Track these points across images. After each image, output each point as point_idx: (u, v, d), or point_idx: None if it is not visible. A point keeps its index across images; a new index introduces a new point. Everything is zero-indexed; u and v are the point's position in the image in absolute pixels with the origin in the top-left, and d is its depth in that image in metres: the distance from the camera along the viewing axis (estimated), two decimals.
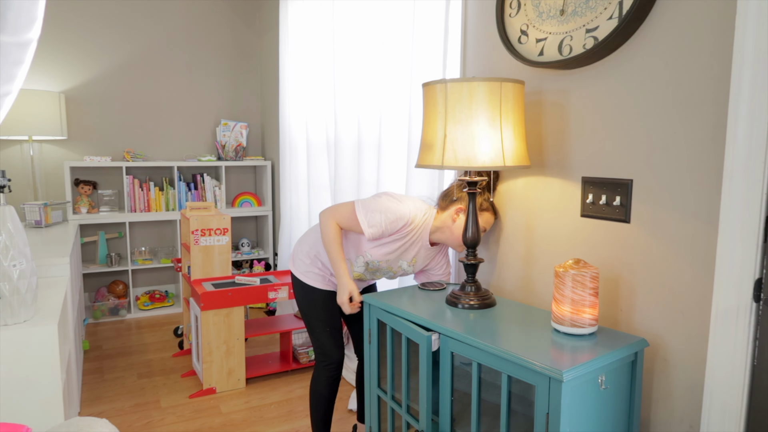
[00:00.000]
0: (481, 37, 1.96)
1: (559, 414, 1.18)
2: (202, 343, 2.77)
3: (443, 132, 1.52)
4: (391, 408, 1.75)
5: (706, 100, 1.27)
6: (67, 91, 4.00)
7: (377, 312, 1.75)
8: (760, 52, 1.13)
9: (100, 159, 3.92)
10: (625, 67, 1.45)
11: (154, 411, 2.62)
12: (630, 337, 1.37)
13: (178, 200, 4.20)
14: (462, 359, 1.81)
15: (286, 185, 3.78)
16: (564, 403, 1.18)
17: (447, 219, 1.82)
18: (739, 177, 1.19)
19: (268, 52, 4.43)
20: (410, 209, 1.81)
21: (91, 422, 1.36)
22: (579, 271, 1.37)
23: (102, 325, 3.90)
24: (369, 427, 1.87)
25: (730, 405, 1.25)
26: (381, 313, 1.73)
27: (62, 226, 3.51)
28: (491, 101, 1.48)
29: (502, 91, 1.49)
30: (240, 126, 4.47)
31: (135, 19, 4.15)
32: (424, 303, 1.70)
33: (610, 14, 1.43)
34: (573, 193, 1.64)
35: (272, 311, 4.11)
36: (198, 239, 3.02)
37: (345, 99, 2.87)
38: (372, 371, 1.82)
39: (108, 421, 1.38)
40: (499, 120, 1.50)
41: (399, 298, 1.76)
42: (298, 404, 2.71)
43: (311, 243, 2.02)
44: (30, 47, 0.67)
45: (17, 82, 0.70)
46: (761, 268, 1.20)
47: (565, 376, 1.16)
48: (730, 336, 1.23)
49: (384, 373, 1.83)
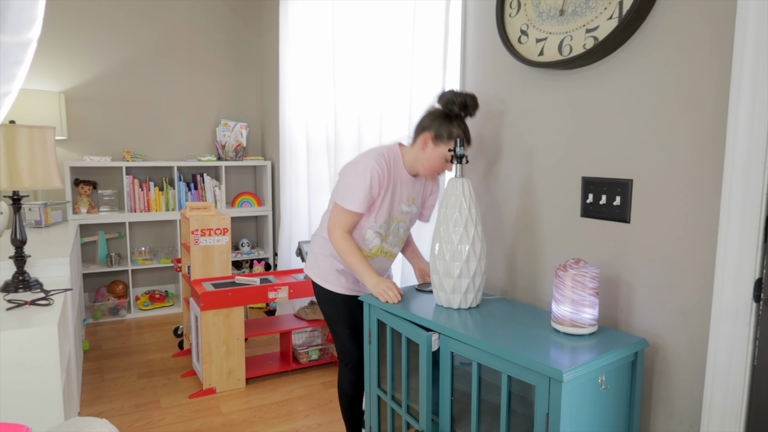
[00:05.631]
0: (481, 37, 1.96)
1: (559, 414, 1.18)
2: (202, 343, 2.77)
3: None
4: (390, 408, 1.75)
5: (706, 100, 1.27)
6: (67, 91, 4.00)
7: (377, 312, 1.75)
8: (760, 52, 1.13)
9: (100, 159, 3.92)
10: (625, 67, 1.45)
11: (154, 411, 2.62)
12: (630, 338, 1.37)
13: (178, 200, 4.20)
14: (462, 359, 1.81)
15: (286, 185, 3.78)
16: (564, 403, 1.18)
17: (418, 149, 1.82)
18: (739, 177, 1.19)
19: (268, 52, 4.43)
20: (369, 160, 1.79)
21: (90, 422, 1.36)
22: (579, 271, 1.37)
23: (102, 325, 3.90)
24: (369, 427, 1.87)
25: (730, 405, 1.25)
26: (381, 313, 1.73)
27: (62, 226, 3.51)
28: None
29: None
30: (240, 126, 4.47)
31: (135, 19, 4.15)
32: (422, 304, 1.70)
33: (610, 14, 1.43)
34: (573, 193, 1.64)
35: (272, 311, 4.11)
36: (198, 239, 3.02)
37: (345, 99, 2.87)
38: (372, 371, 1.82)
39: (108, 421, 1.38)
40: None
41: (402, 299, 1.76)
42: (298, 404, 2.71)
43: (320, 242, 2.00)
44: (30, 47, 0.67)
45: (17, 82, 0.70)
46: (761, 268, 1.20)
47: (565, 376, 1.16)
48: (730, 336, 1.23)
49: (384, 373, 1.83)
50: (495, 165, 1.94)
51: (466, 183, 1.63)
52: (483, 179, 2.01)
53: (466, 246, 1.60)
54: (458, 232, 1.60)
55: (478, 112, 1.88)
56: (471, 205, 1.62)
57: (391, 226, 1.90)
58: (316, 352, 3.13)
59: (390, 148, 1.86)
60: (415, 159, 1.84)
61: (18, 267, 2.08)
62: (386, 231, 1.90)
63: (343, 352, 2.01)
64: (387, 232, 1.90)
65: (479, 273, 1.62)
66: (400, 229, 1.94)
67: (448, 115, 1.77)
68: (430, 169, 1.83)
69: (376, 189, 1.80)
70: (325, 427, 2.49)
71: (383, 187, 1.81)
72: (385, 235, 1.90)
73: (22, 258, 2.09)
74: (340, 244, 1.82)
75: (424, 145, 1.80)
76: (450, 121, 1.76)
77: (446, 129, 1.76)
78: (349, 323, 1.98)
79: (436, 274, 1.65)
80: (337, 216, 1.83)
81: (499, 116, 1.90)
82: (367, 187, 1.77)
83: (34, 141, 1.99)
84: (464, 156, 1.67)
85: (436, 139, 1.77)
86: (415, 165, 1.85)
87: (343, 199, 1.80)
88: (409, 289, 1.88)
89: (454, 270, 1.61)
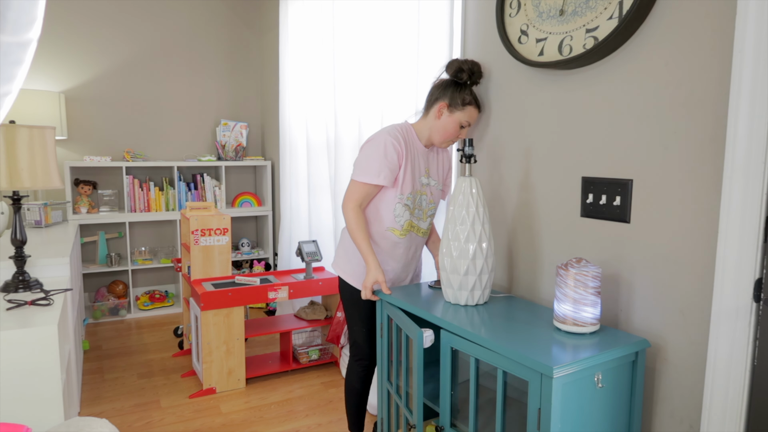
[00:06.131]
0: (481, 37, 1.96)
1: (549, 409, 1.19)
2: (202, 343, 2.77)
3: None
4: (395, 401, 1.80)
5: (706, 100, 1.27)
6: (67, 91, 4.00)
7: (387, 307, 1.79)
8: (760, 52, 1.13)
9: (100, 159, 3.92)
10: (625, 67, 1.45)
11: (154, 411, 2.62)
12: (631, 337, 1.37)
13: (178, 200, 4.20)
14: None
15: (286, 185, 3.78)
16: (555, 399, 1.19)
17: (432, 119, 1.89)
18: (739, 177, 1.19)
19: (268, 52, 4.43)
20: (382, 134, 1.86)
21: (91, 422, 1.36)
22: (580, 270, 1.37)
23: (102, 325, 3.90)
24: (380, 419, 1.91)
25: (730, 405, 1.25)
26: (389, 308, 1.76)
27: (62, 226, 3.51)
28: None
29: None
30: (240, 126, 4.47)
31: (135, 19, 4.15)
32: (433, 300, 1.73)
33: (610, 14, 1.43)
34: (573, 193, 1.64)
35: (272, 311, 4.11)
36: (198, 239, 3.02)
37: (345, 99, 2.87)
38: (383, 365, 1.85)
39: (108, 421, 1.38)
40: None
41: (410, 294, 1.80)
42: (298, 404, 2.71)
43: (343, 237, 2.05)
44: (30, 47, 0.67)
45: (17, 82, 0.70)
46: (761, 268, 1.20)
47: (556, 372, 1.17)
48: (730, 336, 1.23)
49: (392, 367, 1.86)
50: (495, 165, 1.94)
51: (474, 182, 1.65)
52: (483, 179, 2.01)
53: (473, 244, 1.62)
54: (465, 230, 1.63)
55: (477, 112, 1.91)
56: (478, 204, 1.64)
57: (416, 199, 1.95)
58: (316, 352, 3.13)
59: (401, 124, 1.93)
60: (430, 129, 1.90)
61: (18, 267, 2.08)
62: (413, 203, 1.95)
63: (356, 347, 2.05)
64: (414, 204, 1.95)
65: (486, 271, 1.64)
66: (423, 202, 1.98)
67: (457, 83, 1.85)
68: (445, 136, 1.89)
69: (394, 160, 1.83)
70: (325, 427, 2.49)
71: (402, 157, 1.86)
72: (412, 207, 1.95)
73: (22, 258, 2.09)
74: (350, 216, 1.86)
75: (439, 114, 1.87)
76: (461, 89, 1.85)
77: (459, 96, 1.85)
78: (366, 323, 2.01)
79: (444, 270, 1.69)
80: (351, 190, 1.87)
81: (499, 116, 1.90)
82: (382, 157, 1.82)
83: (34, 141, 1.99)
84: (473, 155, 1.70)
85: (450, 107, 1.85)
86: (431, 135, 1.91)
87: (358, 173, 1.85)
88: (423, 286, 1.91)
89: (461, 267, 1.63)
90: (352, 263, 1.99)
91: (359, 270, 1.97)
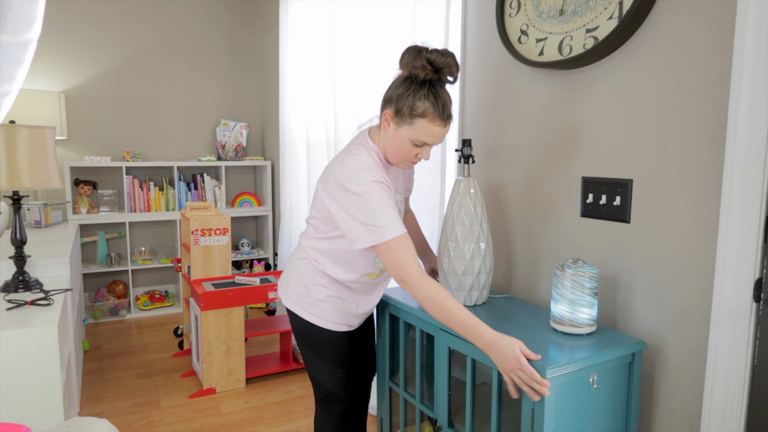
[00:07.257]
0: (481, 37, 1.96)
1: (543, 409, 1.20)
2: (202, 343, 2.77)
3: None
4: (403, 399, 1.78)
5: (706, 100, 1.27)
6: (67, 91, 4.00)
7: (389, 307, 1.78)
8: (760, 52, 1.13)
9: (100, 159, 3.92)
10: (625, 67, 1.45)
11: (154, 411, 2.62)
12: (627, 339, 1.37)
13: (178, 200, 4.20)
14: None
15: (286, 185, 3.78)
16: (548, 400, 1.20)
17: (382, 130, 1.42)
18: (739, 177, 1.19)
19: (268, 52, 4.43)
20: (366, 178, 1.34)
21: (91, 422, 1.36)
22: (577, 271, 1.37)
23: (102, 325, 3.90)
24: (380, 419, 1.90)
25: (730, 405, 1.25)
26: (392, 308, 1.76)
27: (62, 226, 3.51)
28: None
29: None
30: (240, 126, 4.47)
31: (135, 19, 4.15)
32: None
33: (610, 14, 1.43)
34: (573, 193, 1.64)
35: (272, 311, 4.11)
36: (198, 239, 3.02)
37: (345, 99, 2.87)
38: (384, 364, 1.84)
39: (108, 421, 1.38)
40: None
41: (408, 295, 1.77)
42: (298, 404, 2.71)
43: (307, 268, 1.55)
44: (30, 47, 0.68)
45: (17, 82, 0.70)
46: (761, 268, 1.20)
47: (549, 373, 1.18)
48: (730, 336, 1.23)
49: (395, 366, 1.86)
50: (495, 165, 1.94)
51: (472, 182, 1.64)
52: (482, 179, 2.01)
53: (471, 244, 1.61)
54: (463, 231, 1.62)
55: (478, 112, 1.86)
56: (477, 204, 1.63)
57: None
58: None
59: (366, 149, 1.42)
60: (383, 143, 1.42)
61: (18, 267, 2.08)
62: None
63: (330, 397, 1.65)
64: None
65: (484, 271, 1.63)
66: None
67: (413, 82, 1.32)
68: (397, 156, 1.40)
69: (391, 195, 1.37)
70: None
71: (390, 187, 1.41)
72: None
73: (22, 258, 2.09)
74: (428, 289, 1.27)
75: (386, 125, 1.38)
76: (415, 91, 1.31)
77: (408, 102, 1.31)
78: (345, 363, 1.61)
79: (441, 271, 1.68)
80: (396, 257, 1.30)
81: (499, 116, 1.90)
82: (384, 203, 1.33)
83: (34, 141, 1.99)
84: (471, 156, 1.66)
85: (396, 116, 1.34)
86: (385, 151, 1.43)
87: (378, 233, 1.30)
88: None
89: (459, 267, 1.62)
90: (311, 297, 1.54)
91: (329, 307, 1.54)
